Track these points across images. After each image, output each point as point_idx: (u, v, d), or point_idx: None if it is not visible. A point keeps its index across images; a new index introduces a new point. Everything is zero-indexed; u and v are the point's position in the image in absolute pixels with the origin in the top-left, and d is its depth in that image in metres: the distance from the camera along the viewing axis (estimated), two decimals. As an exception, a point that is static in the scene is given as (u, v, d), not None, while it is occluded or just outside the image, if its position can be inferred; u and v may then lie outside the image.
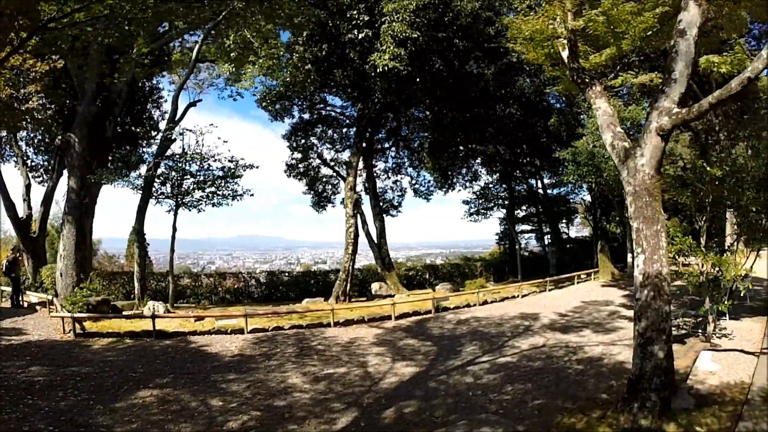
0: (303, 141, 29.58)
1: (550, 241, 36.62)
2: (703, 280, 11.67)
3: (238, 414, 8.10)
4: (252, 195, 22.26)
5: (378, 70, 18.92)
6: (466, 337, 13.84)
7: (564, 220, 38.73)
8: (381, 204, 30.30)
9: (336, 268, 28.98)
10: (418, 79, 22.22)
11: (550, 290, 22.80)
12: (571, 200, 37.81)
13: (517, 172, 36.31)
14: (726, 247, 12.89)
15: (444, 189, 34.48)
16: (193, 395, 9.02)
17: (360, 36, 19.66)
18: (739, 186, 12.26)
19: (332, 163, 30.69)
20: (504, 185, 36.21)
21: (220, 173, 20.84)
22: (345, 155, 29.98)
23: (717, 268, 11.32)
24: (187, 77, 23.24)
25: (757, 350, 11.02)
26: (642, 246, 6.93)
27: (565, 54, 9.22)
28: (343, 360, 11.63)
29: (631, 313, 16.01)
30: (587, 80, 8.72)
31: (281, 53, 21.24)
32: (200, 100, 26.18)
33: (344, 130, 30.37)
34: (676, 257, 12.23)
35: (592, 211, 33.19)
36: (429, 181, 33.88)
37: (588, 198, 34.03)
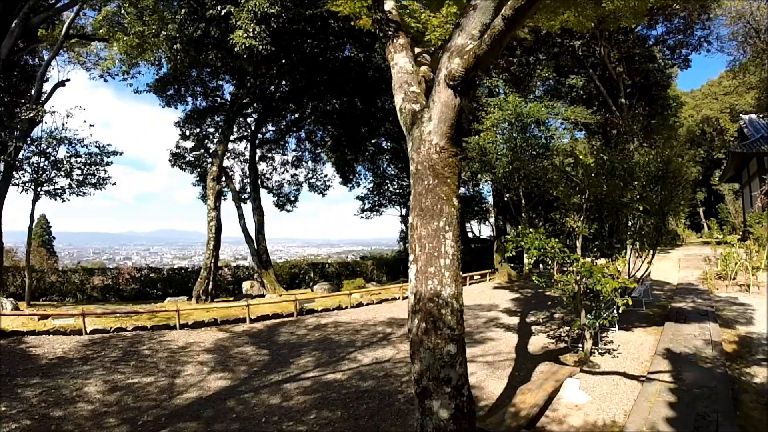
0: (197, 130, 27.71)
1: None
2: (577, 290, 9.76)
3: (10, 422, 7.62)
4: (114, 184, 21.93)
5: (236, 49, 16.96)
6: (311, 346, 12.66)
7: (476, 219, 37.52)
8: (277, 198, 30.11)
9: (241, 264, 28.11)
10: (284, 61, 20.44)
11: None
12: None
13: None
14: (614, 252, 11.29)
15: (349, 185, 33.85)
16: (-21, 400, 8.29)
17: (222, 12, 17.41)
18: (624, 183, 10.64)
19: (228, 154, 28.60)
20: (396, 182, 35.07)
21: (87, 159, 20.10)
22: (242, 146, 29.25)
23: (587, 278, 9.44)
24: (55, 54, 21.39)
25: (643, 372, 9.24)
26: (415, 252, 4.64)
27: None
28: (159, 368, 10.77)
29: (511, 320, 14.65)
30: (390, 32, 6.36)
31: (153, 31, 18.85)
32: (68, 80, 23.23)
33: (242, 119, 28.42)
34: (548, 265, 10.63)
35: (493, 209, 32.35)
36: (326, 176, 32.84)
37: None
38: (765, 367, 9.16)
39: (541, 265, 17.37)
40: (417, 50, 6.63)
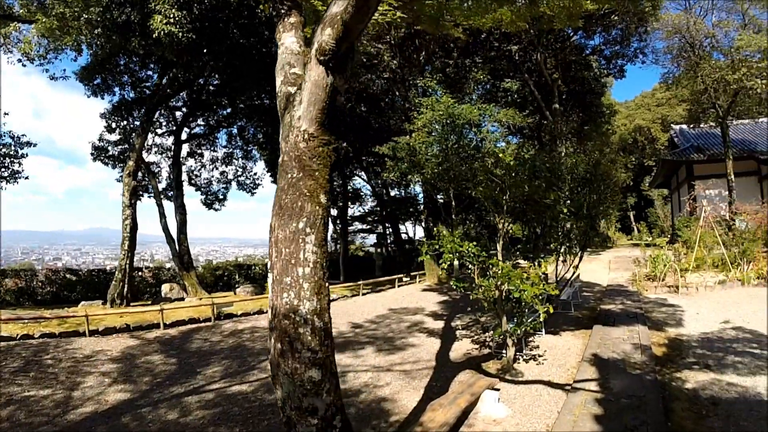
0: (124, 122, 25.97)
1: (391, 240, 35.51)
2: (498, 296, 9.18)
3: None
4: (26, 178, 20.67)
5: (154, 36, 15.77)
6: (222, 354, 11.79)
7: (411, 221, 37.33)
8: (206, 196, 28.84)
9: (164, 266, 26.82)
10: (208, 52, 19.31)
11: (364, 294, 20.90)
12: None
13: (358, 168, 34.70)
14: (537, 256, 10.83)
15: None
16: None
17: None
18: (547, 184, 10.20)
19: (155, 149, 27.86)
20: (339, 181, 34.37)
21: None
22: (170, 140, 27.40)
23: (505, 283, 8.88)
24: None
25: (569, 380, 8.67)
26: (272, 259, 3.82)
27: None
28: (59, 379, 9.91)
29: (436, 324, 13.94)
30: (283, 10, 5.51)
31: (74, 13, 17.10)
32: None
33: (170, 112, 27.14)
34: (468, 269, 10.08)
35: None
36: (255, 174, 31.57)
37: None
38: (696, 371, 8.81)
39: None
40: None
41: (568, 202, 11.77)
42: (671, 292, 16.15)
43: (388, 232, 36.72)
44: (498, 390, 8.02)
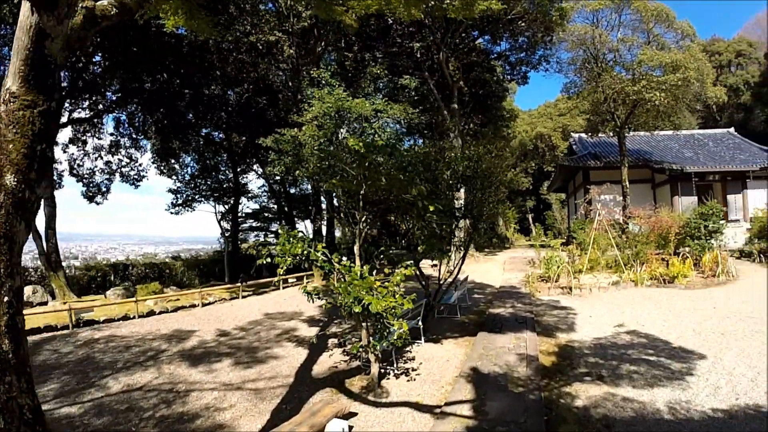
0: None
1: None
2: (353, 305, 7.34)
3: None
4: None
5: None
6: (65, 368, 9.84)
7: (311, 218, 35.25)
8: (87, 188, 26.07)
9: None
10: None
11: (244, 297, 19.04)
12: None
13: (254, 163, 32.79)
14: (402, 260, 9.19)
15: (174, 177, 30.73)
16: None
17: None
18: (407, 176, 8.65)
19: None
20: (222, 176, 32.37)
21: None
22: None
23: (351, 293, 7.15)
24: None
25: (442, 399, 7.13)
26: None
27: None
28: None
29: (310, 332, 12.16)
30: None
31: None
32: None
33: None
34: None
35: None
36: (140, 165, 28.70)
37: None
38: (588, 383, 7.51)
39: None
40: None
41: (431, 197, 10.28)
42: (565, 293, 15.32)
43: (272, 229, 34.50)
44: (352, 416, 6.49)
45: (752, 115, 46.21)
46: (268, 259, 7.75)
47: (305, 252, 7.50)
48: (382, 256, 9.15)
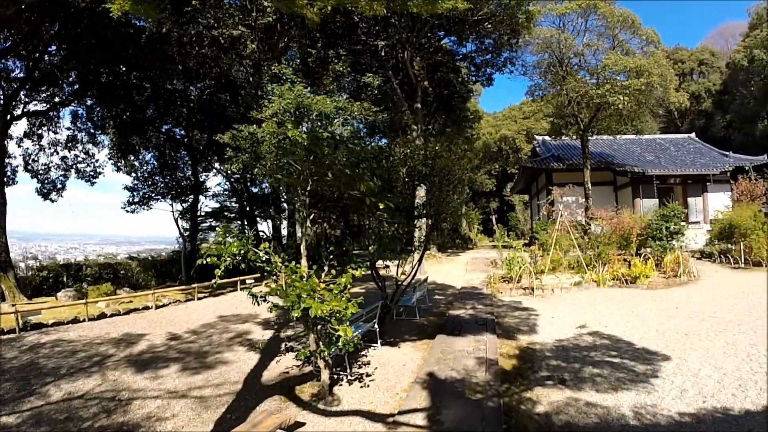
0: None
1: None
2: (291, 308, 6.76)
3: None
4: None
5: None
6: (8, 375, 9.20)
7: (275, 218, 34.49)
8: (42, 184, 24.79)
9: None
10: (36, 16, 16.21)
11: (200, 298, 18.16)
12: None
13: (216, 161, 31.55)
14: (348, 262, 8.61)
15: (132, 174, 29.43)
16: None
17: None
18: (353, 171, 8.34)
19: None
20: (181, 173, 31.21)
21: None
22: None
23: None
24: None
25: (396, 407, 6.63)
26: None
27: None
28: None
29: (264, 335, 11.64)
30: None
31: None
32: None
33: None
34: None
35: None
36: (97, 161, 27.29)
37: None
38: (550, 387, 7.11)
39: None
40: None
41: (380, 195, 9.79)
42: (527, 294, 15.03)
43: (245, 230, 33.39)
44: (299, 426, 6.06)
45: (713, 122, 47.62)
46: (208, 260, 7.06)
47: (242, 251, 6.81)
48: (332, 257, 8.47)
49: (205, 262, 7.03)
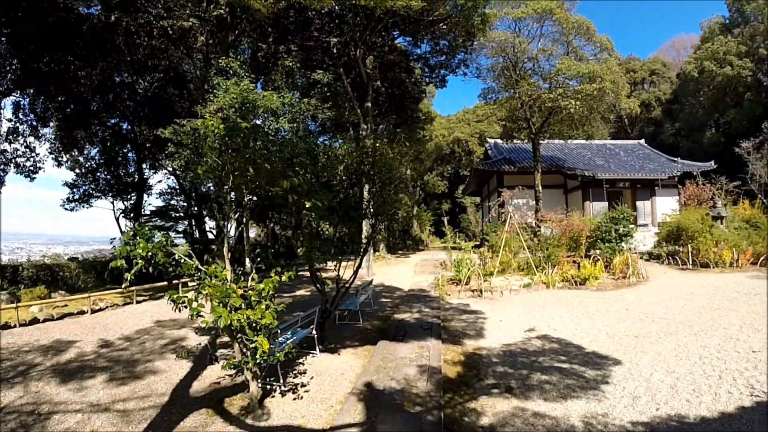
0: None
1: (195, 239, 31.04)
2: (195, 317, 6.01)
3: None
4: None
5: None
6: None
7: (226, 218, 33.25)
8: None
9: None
10: None
11: (139, 302, 17.08)
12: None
13: (162, 159, 30.02)
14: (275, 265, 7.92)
15: (76, 170, 28.23)
16: None
17: None
18: (275, 166, 7.76)
19: None
20: (123, 170, 29.70)
21: None
22: None
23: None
24: None
25: (329, 421, 6.00)
26: None
27: None
28: None
29: (200, 341, 10.78)
30: None
31: None
32: None
33: None
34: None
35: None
36: (37, 155, 25.67)
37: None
38: (496, 396, 6.60)
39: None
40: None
41: (309, 193, 9.14)
42: (475, 296, 14.60)
43: (194, 231, 32.04)
44: None
45: (662, 129, 49.06)
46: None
47: (149, 254, 5.99)
48: (258, 259, 7.71)
49: (119, 265, 6.21)
